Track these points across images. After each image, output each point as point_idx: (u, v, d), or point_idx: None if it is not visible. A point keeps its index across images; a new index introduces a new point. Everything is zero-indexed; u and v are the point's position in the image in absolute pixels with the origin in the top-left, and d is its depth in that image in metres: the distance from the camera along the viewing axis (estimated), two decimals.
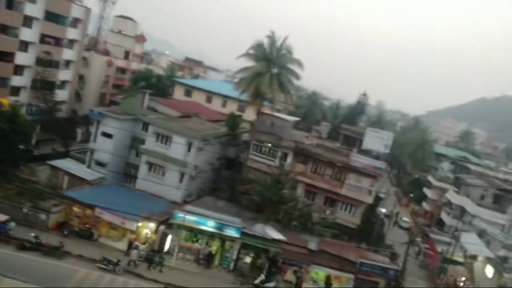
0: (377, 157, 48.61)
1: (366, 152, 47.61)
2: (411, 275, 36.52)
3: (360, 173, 39.34)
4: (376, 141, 48.69)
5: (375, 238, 38.09)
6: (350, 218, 39.06)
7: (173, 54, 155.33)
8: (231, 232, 29.54)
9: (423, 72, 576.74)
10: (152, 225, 30.08)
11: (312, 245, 30.98)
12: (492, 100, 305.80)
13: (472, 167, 66.56)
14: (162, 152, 35.36)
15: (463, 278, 37.67)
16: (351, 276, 30.92)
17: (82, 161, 38.19)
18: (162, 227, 29.93)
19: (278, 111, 50.02)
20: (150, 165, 35.88)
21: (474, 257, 38.38)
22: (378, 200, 47.06)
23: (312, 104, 74.32)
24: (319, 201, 39.05)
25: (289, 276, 30.75)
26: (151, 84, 56.14)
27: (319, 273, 31.23)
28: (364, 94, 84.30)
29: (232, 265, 30.34)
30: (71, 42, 52.83)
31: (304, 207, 35.28)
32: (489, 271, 35.87)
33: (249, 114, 48.49)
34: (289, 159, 39.67)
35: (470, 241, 38.45)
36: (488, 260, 36.31)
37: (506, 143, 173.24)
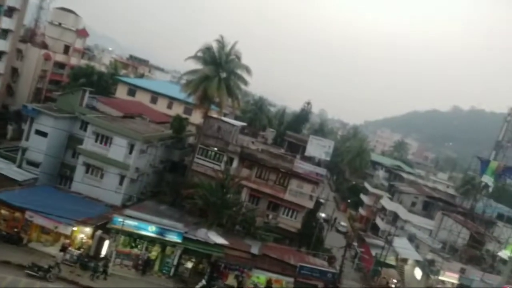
0: (318, 163, 50.26)
1: (309, 159, 49.04)
2: (347, 278, 38.08)
3: (302, 179, 40.47)
4: (318, 148, 50.26)
5: (314, 242, 39.26)
6: (292, 223, 39.98)
7: (117, 51, 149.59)
8: (173, 237, 28.92)
9: (362, 83, 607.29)
10: (88, 229, 28.60)
11: (255, 249, 31.20)
12: (423, 113, 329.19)
13: (404, 175, 71.09)
14: (101, 153, 33.80)
15: (395, 280, 40.06)
16: (291, 279, 31.59)
17: (12, 160, 35.34)
18: (99, 232, 28.53)
19: (225, 115, 49.99)
20: (88, 167, 34.13)
21: (404, 260, 40.90)
22: (318, 205, 48.61)
23: (258, 110, 75.19)
24: (262, 206, 39.53)
25: (231, 280, 30.72)
26: (92, 81, 53.55)
27: (261, 277, 31.53)
28: (308, 103, 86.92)
29: (172, 270, 29.67)
30: (5, 32, 49.03)
31: (248, 211, 35.51)
32: (418, 273, 38.41)
33: (196, 117, 47.98)
34: (235, 163, 39.80)
35: (402, 245, 40.89)
36: (417, 263, 38.87)
37: (435, 154, 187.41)
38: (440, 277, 36.51)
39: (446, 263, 37.36)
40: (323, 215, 49.29)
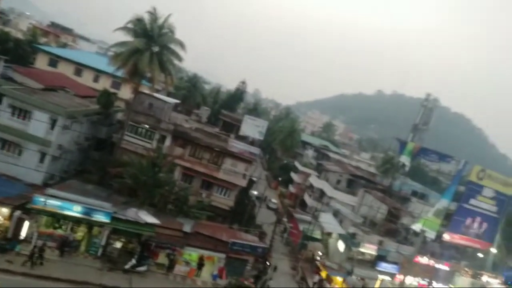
0: (252, 143, 51.03)
1: (243, 138, 49.59)
2: (277, 252, 39.69)
3: (236, 158, 40.89)
4: (252, 128, 51.02)
5: (246, 219, 40.18)
6: (225, 201, 40.46)
7: (37, 16, 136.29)
8: (100, 217, 27.73)
9: (296, 65, 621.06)
10: (5, 210, 26.40)
11: (187, 227, 31.14)
12: (350, 96, 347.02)
13: (331, 155, 74.84)
14: (19, 128, 30.97)
15: (320, 253, 42.59)
16: (223, 255, 32.19)
17: None
18: (17, 212, 26.44)
19: (157, 91, 48.24)
20: (4, 143, 31.17)
21: (329, 234, 43.51)
22: (251, 183, 49.58)
23: (192, 87, 73.71)
24: (196, 185, 39.38)
25: (162, 259, 30.49)
26: (7, 49, 48.32)
27: (192, 254, 31.68)
28: (243, 82, 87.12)
29: (100, 251, 28.60)
30: None
31: (181, 190, 35.11)
32: (341, 245, 41.21)
33: (125, 92, 45.71)
34: (168, 142, 38.94)
35: (327, 220, 43.39)
36: (340, 236, 41.63)
37: (359, 135, 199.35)
38: (361, 249, 39.52)
39: (366, 236, 40.44)
40: (255, 192, 50.43)
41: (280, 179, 73.17)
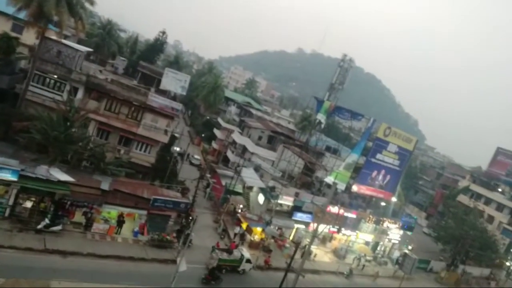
0: (174, 98, 49.52)
1: (164, 92, 47.81)
2: (199, 207, 40.25)
3: (157, 113, 39.51)
4: (174, 82, 49.22)
5: (169, 175, 39.75)
6: (145, 157, 39.37)
7: None
8: (6, 176, 25.34)
9: (219, 18, 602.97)
10: None
11: (105, 185, 29.93)
12: (272, 53, 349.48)
13: (253, 111, 75.86)
14: None
15: (241, 206, 44.16)
16: (144, 212, 31.82)
17: None
18: None
19: (66, 37, 43.84)
20: None
21: (250, 188, 45.08)
22: (173, 139, 48.64)
23: (106, 35, 67.90)
24: (113, 141, 37.55)
25: (79, 217, 29.25)
26: None
27: (112, 212, 30.84)
28: (164, 32, 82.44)
29: (8, 211, 26.43)
30: None
31: (97, 147, 33.27)
32: (261, 198, 43.08)
33: (29, 37, 40.57)
34: (80, 94, 36.13)
35: (248, 174, 44.71)
36: (261, 189, 43.39)
37: (280, 92, 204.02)
38: (279, 201, 41.75)
39: (284, 188, 42.70)
40: (177, 149, 49.66)
41: (203, 135, 72.84)
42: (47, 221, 26.76)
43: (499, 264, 59.19)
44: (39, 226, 26.35)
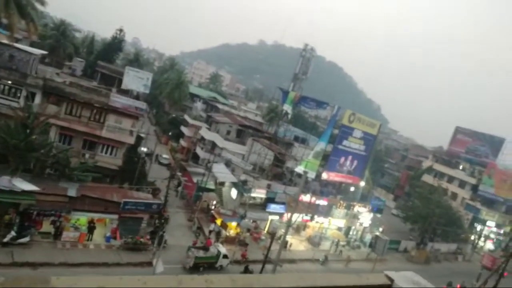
0: (137, 97, 48.41)
1: (126, 92, 46.61)
2: (172, 206, 39.72)
3: (120, 113, 38.50)
4: (136, 81, 48.09)
5: (137, 177, 38.92)
6: (112, 160, 38.35)
7: None
8: None
9: (177, 15, 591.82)
10: None
11: (72, 191, 28.96)
12: (235, 46, 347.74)
13: (220, 106, 75.51)
14: None
15: (214, 202, 43.97)
16: (115, 216, 31.08)
17: None
18: None
19: (18, 41, 41.77)
20: None
21: (222, 183, 44.93)
22: (139, 139, 47.58)
23: (61, 36, 65.20)
24: (77, 145, 36.31)
25: (47, 227, 28.21)
26: None
27: (81, 218, 29.97)
28: (121, 30, 79.99)
29: None
30: None
31: (60, 152, 32.01)
32: (234, 193, 43.04)
33: None
34: (38, 99, 34.59)
35: (219, 170, 44.52)
36: (233, 184, 43.34)
37: (245, 85, 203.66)
38: (252, 194, 41.89)
39: (256, 181, 42.87)
40: (144, 149, 48.59)
41: (170, 133, 71.67)
42: (13, 233, 25.64)
43: (464, 239, 62.27)
44: (5, 239, 25.23)
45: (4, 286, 1.12)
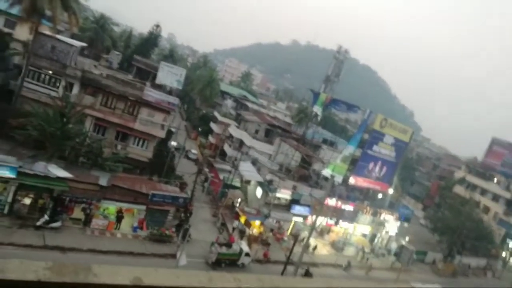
0: (170, 92, 49.28)
1: (160, 87, 47.54)
2: (198, 201, 40.32)
3: (153, 107, 39.34)
4: (170, 76, 48.91)
5: (166, 170, 39.72)
6: (143, 152, 39.28)
7: None
8: (5, 173, 25.24)
9: (212, 12, 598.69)
10: None
11: (103, 181, 29.89)
12: (267, 46, 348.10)
13: (250, 105, 75.78)
14: None
15: (239, 199, 44.27)
16: (143, 207, 31.84)
17: None
18: None
19: (60, 32, 43.37)
20: None
21: (248, 182, 45.16)
22: (169, 134, 48.52)
23: (100, 29, 67.26)
24: (110, 136, 37.41)
25: (77, 213, 29.22)
26: None
27: (110, 207, 30.83)
28: (158, 25, 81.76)
29: (7, 208, 26.36)
30: None
31: (94, 142, 33.15)
32: (259, 192, 43.18)
33: (22, 33, 40.16)
34: (76, 90, 35.87)
35: (246, 168, 44.79)
36: (259, 183, 43.47)
37: (275, 85, 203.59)
38: (277, 194, 41.88)
39: (282, 182, 42.79)
40: (174, 143, 49.54)
41: (199, 129, 72.65)
42: (46, 217, 26.73)
43: (495, 255, 59.84)
44: (39, 223, 26.32)
45: (51, 271, 1.20)
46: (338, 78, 61.62)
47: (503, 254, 61.18)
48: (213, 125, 68.20)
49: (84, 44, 50.53)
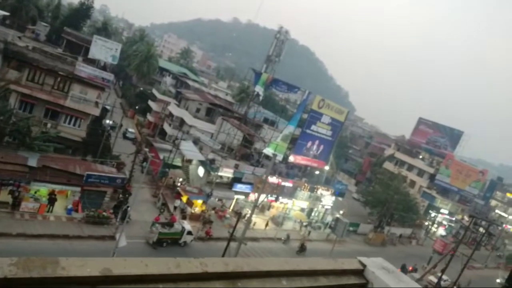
0: (104, 67, 46.77)
1: (93, 62, 44.90)
2: (137, 181, 39.14)
3: (86, 84, 37.21)
4: (104, 50, 46.26)
5: (102, 150, 38.00)
6: (76, 131, 37.19)
7: None
8: None
9: None
10: None
11: (32, 161, 27.96)
12: (207, 22, 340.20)
13: (190, 83, 74.22)
14: None
15: (180, 179, 43.79)
16: (78, 188, 30.39)
17: None
18: None
19: None
20: None
21: (189, 161, 44.71)
22: (104, 112, 46.29)
23: None
24: (38, 114, 34.87)
25: (4, 196, 27.17)
26: None
27: (41, 189, 29.06)
28: None
29: None
30: None
31: (20, 121, 30.68)
32: (201, 171, 42.97)
33: None
34: None
35: (187, 148, 44.20)
36: (200, 162, 43.21)
37: (216, 63, 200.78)
38: (219, 173, 41.99)
39: (224, 161, 42.94)
40: (110, 122, 47.32)
41: (137, 107, 69.97)
42: None
43: (419, 224, 65.70)
44: None
45: (16, 267, 1.14)
46: (279, 58, 62.20)
47: (426, 223, 67.38)
48: (151, 103, 65.99)
49: (5, 13, 46.00)
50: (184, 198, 38.75)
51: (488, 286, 52.20)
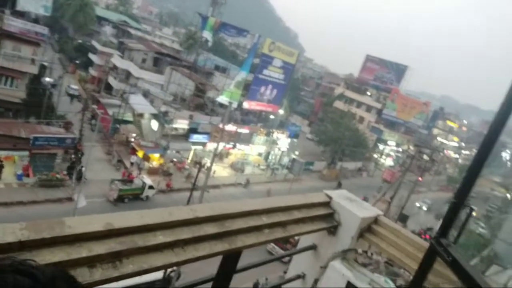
0: (36, 20, 42.85)
1: (22, 15, 40.81)
2: (88, 140, 37.83)
3: (18, 39, 34.22)
4: (33, 1, 42.06)
5: (45, 110, 35.93)
6: (13, 92, 34.78)
7: None
8: None
9: None
10: None
11: None
12: None
13: (132, 31, 69.95)
14: None
15: (134, 134, 42.79)
16: (25, 153, 29.00)
17: None
18: None
19: None
20: None
21: (141, 115, 43.52)
22: (43, 69, 43.09)
23: None
24: None
25: None
26: None
27: None
28: None
29: None
30: None
31: None
32: (154, 124, 42.14)
33: None
34: None
35: (137, 101, 42.80)
36: (153, 115, 42.24)
37: (158, 8, 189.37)
38: (174, 125, 41.46)
39: (178, 112, 42.23)
40: (50, 80, 44.27)
41: (77, 62, 65.52)
42: None
43: (369, 157, 69.78)
44: None
45: (28, 230, 1.19)
46: (225, 0, 59.73)
47: (375, 156, 71.72)
48: (92, 56, 62.01)
49: None
50: (140, 153, 38.22)
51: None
